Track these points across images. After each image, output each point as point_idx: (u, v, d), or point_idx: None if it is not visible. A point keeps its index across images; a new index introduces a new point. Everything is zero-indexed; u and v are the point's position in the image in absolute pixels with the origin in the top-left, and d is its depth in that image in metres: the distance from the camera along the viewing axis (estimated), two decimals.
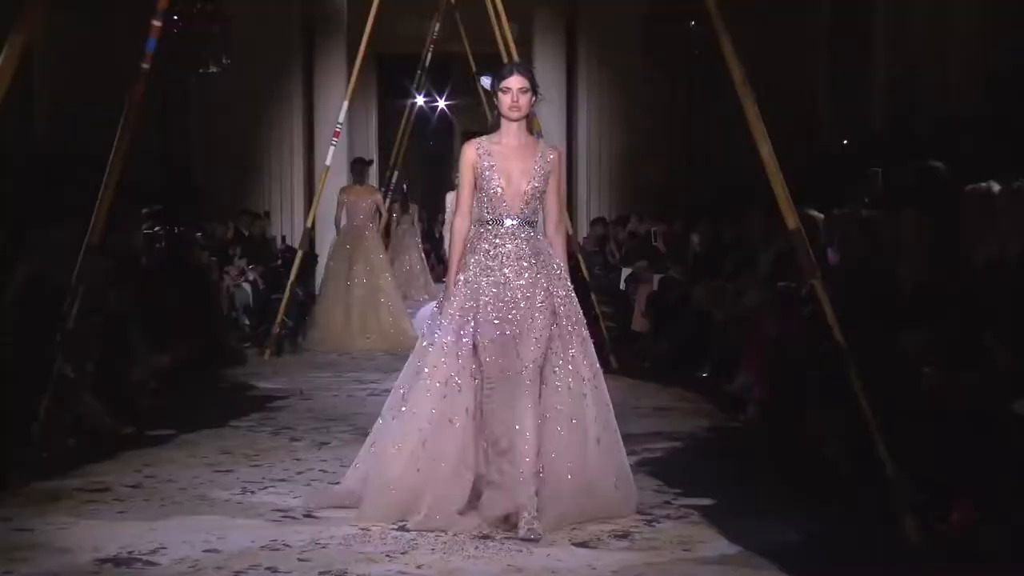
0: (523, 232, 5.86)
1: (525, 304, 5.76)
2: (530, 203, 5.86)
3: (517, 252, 5.82)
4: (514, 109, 5.82)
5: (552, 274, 5.87)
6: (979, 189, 5.74)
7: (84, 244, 7.09)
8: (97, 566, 5.09)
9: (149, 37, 7.26)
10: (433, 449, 5.67)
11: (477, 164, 5.86)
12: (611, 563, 5.12)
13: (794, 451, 6.64)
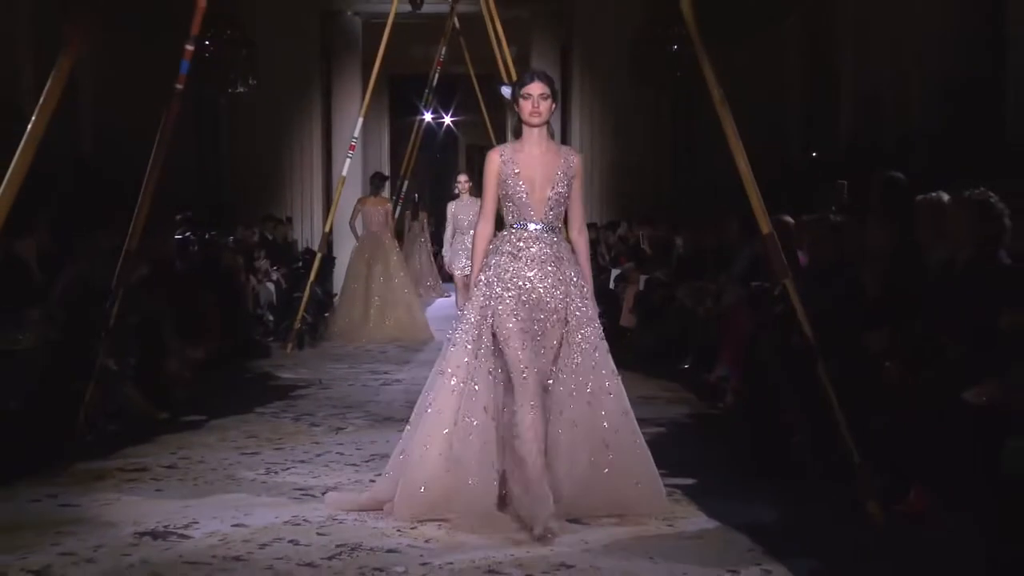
0: (547, 237, 5.53)
1: (543, 309, 5.45)
2: (553, 208, 5.54)
3: (541, 256, 5.48)
4: (535, 115, 5.52)
5: (569, 281, 5.51)
6: (931, 199, 5.73)
7: (123, 249, 7.11)
8: (136, 539, 5.10)
9: (183, 60, 7.28)
10: (459, 450, 5.32)
11: (501, 171, 5.54)
12: (602, 538, 5.11)
13: (767, 437, 6.62)
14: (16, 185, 5.10)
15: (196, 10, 7.26)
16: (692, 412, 8.36)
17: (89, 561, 4.79)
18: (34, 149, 5.20)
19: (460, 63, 17.23)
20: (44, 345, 6.65)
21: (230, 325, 10.87)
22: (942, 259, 5.58)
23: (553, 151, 5.62)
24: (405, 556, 4.82)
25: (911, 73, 11.66)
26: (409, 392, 9.51)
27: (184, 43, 7.30)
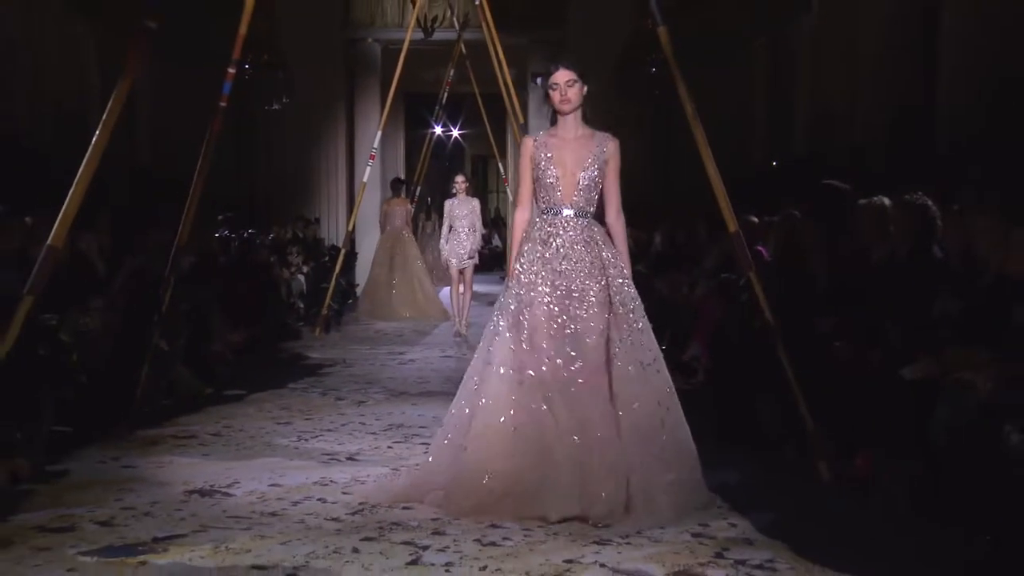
0: (579, 222, 4.96)
1: (580, 297, 4.83)
2: (585, 193, 4.97)
3: (572, 241, 4.91)
4: (565, 103, 5.03)
5: (607, 262, 4.91)
6: (873, 202, 5.74)
7: (174, 244, 7.13)
8: (186, 496, 5.15)
9: (225, 81, 7.29)
10: (522, 436, 4.71)
11: (535, 156, 5.00)
12: None
13: (733, 409, 6.65)
14: (82, 189, 5.13)
15: (237, 37, 7.28)
16: None
17: (146, 515, 4.83)
18: (98, 158, 5.23)
19: (466, 83, 17.24)
20: (106, 330, 6.67)
21: (266, 311, 10.89)
22: (883, 254, 5.60)
23: (587, 136, 5.07)
24: (419, 512, 4.84)
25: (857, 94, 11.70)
26: (422, 370, 9.58)
27: (226, 66, 7.31)
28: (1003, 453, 3.94)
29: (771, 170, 14.05)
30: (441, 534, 4.53)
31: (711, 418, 6.91)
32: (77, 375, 6.09)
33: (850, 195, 6.10)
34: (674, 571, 4.06)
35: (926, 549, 4.19)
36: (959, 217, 5.27)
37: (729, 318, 7.22)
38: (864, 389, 4.98)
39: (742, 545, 4.38)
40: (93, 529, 4.60)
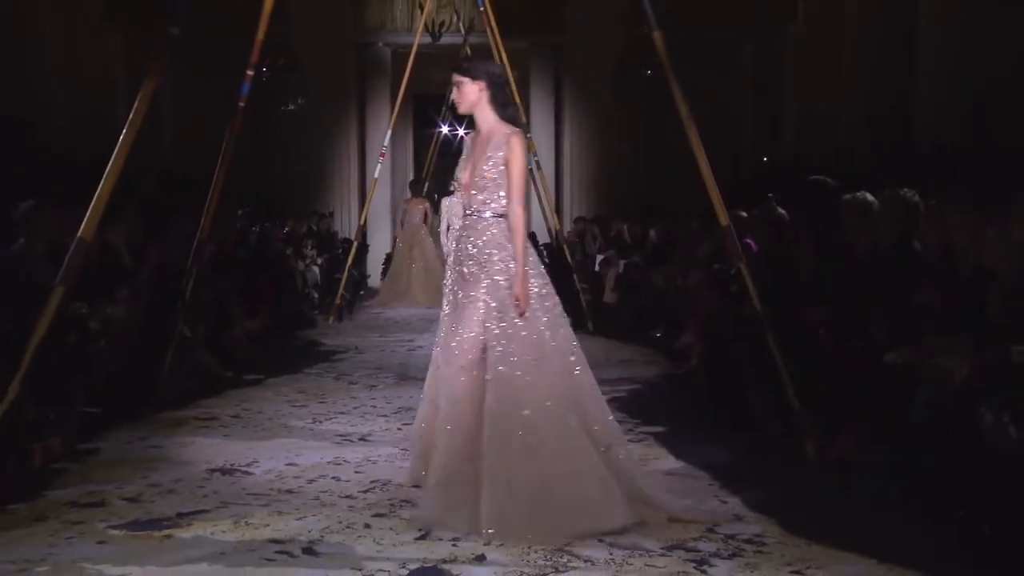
0: (475, 220, 4.60)
1: (467, 302, 4.55)
2: (481, 192, 4.56)
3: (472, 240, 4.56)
4: (459, 103, 4.62)
5: (494, 261, 4.52)
6: (857, 197, 5.73)
7: (196, 238, 7.15)
8: (208, 474, 5.18)
9: (244, 83, 7.29)
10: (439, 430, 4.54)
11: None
12: None
13: (724, 392, 6.67)
14: (110, 185, 5.14)
15: (255, 42, 7.28)
16: (662, 373, 8.39)
17: (171, 491, 4.86)
18: (125, 156, 5.23)
19: None
20: (133, 318, 6.69)
21: (282, 301, 10.91)
22: (866, 247, 5.60)
23: (492, 133, 4.59)
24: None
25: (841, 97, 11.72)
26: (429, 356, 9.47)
27: (245, 69, 7.32)
28: (978, 434, 3.95)
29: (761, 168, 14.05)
30: None
31: (704, 400, 6.96)
32: (106, 361, 6.11)
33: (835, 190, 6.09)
34: (668, 545, 4.08)
35: (905, 524, 4.21)
36: (938, 212, 5.27)
37: (720, 307, 7.23)
38: (847, 374, 4.99)
39: (732, 521, 4.40)
40: (121, 505, 4.63)
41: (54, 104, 11.14)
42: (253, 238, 12.06)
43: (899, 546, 3.96)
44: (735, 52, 15.73)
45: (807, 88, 13.03)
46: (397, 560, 3.93)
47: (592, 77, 18.52)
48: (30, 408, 5.04)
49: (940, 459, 4.20)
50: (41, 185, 7.08)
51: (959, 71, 8.78)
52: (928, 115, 9.31)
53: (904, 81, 10.05)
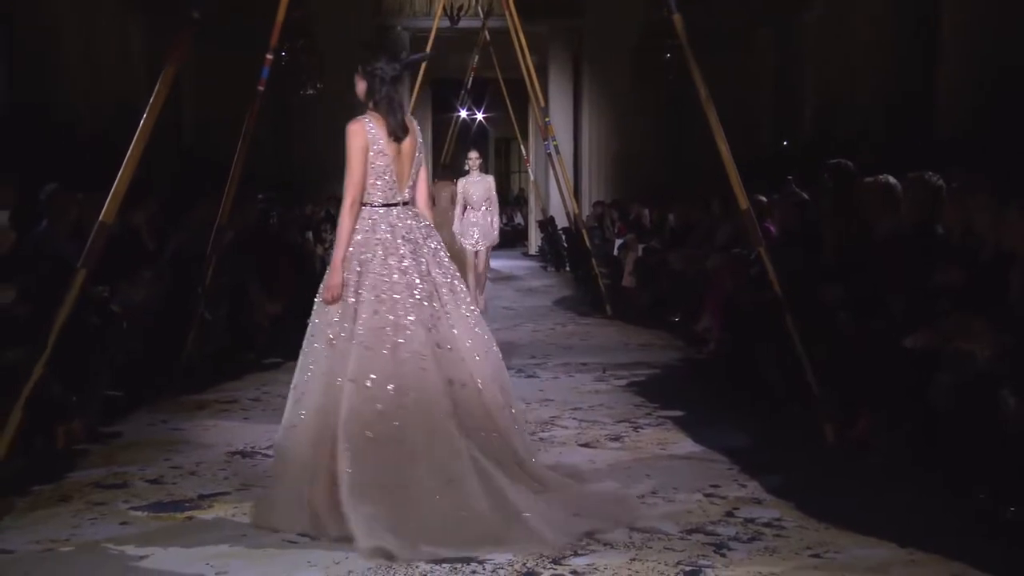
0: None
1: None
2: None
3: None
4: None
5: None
6: (879, 180, 5.70)
7: (216, 222, 7.17)
8: (229, 456, 5.21)
9: (263, 67, 7.30)
10: None
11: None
12: (607, 459, 5.16)
13: (743, 376, 6.65)
14: (131, 169, 5.16)
15: (274, 26, 7.28)
16: (681, 357, 8.37)
17: (192, 473, 4.89)
18: (145, 140, 5.25)
19: (490, 69, 17.18)
20: (154, 300, 6.72)
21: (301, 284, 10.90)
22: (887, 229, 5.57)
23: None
24: None
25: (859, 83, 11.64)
26: None
27: (264, 53, 7.32)
28: (999, 416, 3.93)
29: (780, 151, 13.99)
30: None
31: (723, 384, 6.94)
32: (127, 344, 6.14)
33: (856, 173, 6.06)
34: (687, 529, 4.08)
35: (925, 507, 4.19)
36: (960, 196, 5.23)
37: (739, 290, 7.21)
38: (867, 356, 4.96)
39: (751, 504, 4.39)
40: (144, 486, 4.66)
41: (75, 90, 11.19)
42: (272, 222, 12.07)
43: (919, 529, 3.95)
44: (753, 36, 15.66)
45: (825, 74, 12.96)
46: None
47: (611, 60, 18.47)
48: (55, 388, 5.07)
49: (961, 441, 4.18)
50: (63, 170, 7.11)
51: (980, 56, 8.72)
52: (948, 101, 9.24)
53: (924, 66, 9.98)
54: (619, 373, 7.57)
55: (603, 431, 5.74)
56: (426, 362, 4.11)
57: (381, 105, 4.39)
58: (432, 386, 4.09)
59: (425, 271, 4.30)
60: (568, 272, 16.50)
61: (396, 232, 4.31)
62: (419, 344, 4.13)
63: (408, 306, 4.20)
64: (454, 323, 4.27)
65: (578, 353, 8.65)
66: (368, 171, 4.30)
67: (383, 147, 4.32)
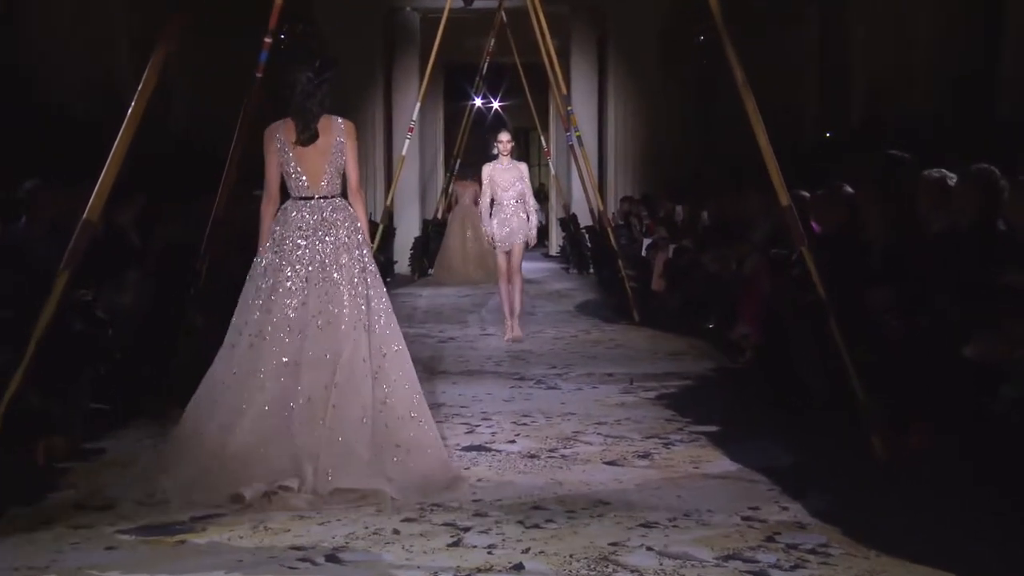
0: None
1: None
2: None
3: None
4: None
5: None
6: (935, 174, 5.67)
7: (210, 218, 7.17)
8: None
9: (262, 51, 7.31)
10: None
11: None
12: (635, 477, 5.15)
13: (784, 386, 6.62)
14: (118, 161, 5.16)
15: (273, 7, 7.29)
16: (716, 366, 8.36)
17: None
18: (133, 131, 5.25)
19: (507, 53, 17.20)
20: (141, 305, 6.72)
21: None
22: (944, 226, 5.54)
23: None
24: (459, 493, 4.87)
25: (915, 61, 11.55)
26: (461, 348, 9.61)
27: (262, 35, 7.33)
28: None
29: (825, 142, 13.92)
30: (483, 515, 4.55)
31: (761, 395, 6.91)
32: (113, 352, 6.14)
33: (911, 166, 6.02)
34: (723, 555, 4.05)
35: (984, 531, 4.14)
36: None
37: (779, 294, 7.17)
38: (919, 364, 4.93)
39: (794, 529, 4.36)
40: (130, 507, 4.65)
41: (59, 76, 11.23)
42: None
43: (979, 557, 3.90)
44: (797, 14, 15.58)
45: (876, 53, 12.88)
46: (428, 569, 3.93)
47: (638, 43, 18.44)
48: (34, 400, 5.07)
49: None
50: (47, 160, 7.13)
51: None
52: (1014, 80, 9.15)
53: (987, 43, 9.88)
54: (648, 384, 7.55)
55: (630, 448, 5.73)
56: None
57: (292, 113, 5.27)
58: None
59: (315, 264, 5.13)
60: (592, 274, 16.49)
61: (290, 225, 5.19)
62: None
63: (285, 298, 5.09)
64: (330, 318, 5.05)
65: (603, 363, 8.64)
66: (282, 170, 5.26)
67: (290, 150, 5.23)
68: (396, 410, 5.00)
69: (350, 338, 4.99)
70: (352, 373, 4.93)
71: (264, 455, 4.81)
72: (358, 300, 5.10)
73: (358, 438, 4.83)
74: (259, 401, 4.89)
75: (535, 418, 6.51)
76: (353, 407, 4.88)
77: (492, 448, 5.76)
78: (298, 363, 4.93)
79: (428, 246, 17.54)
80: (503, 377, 8.02)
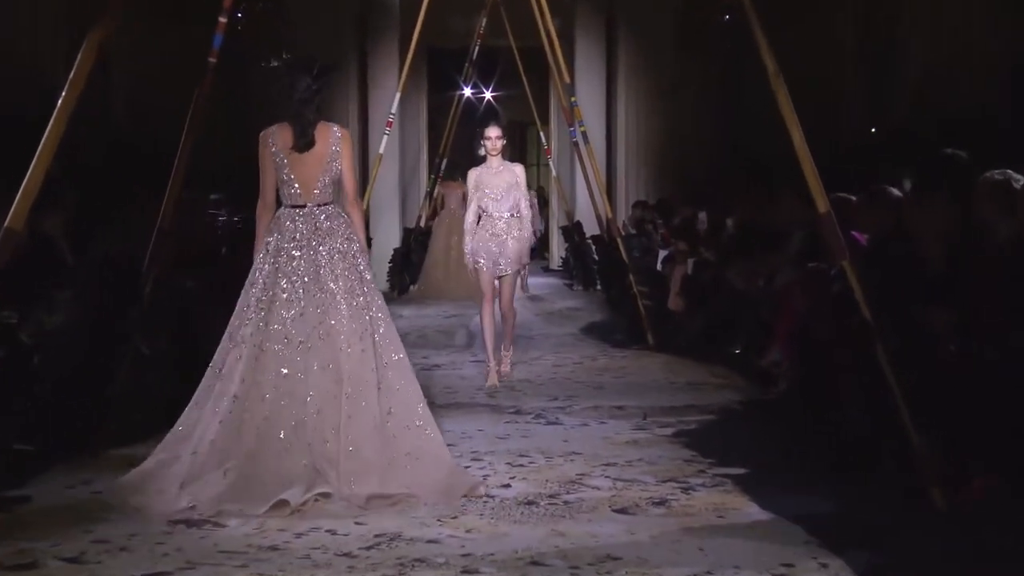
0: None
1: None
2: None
3: None
4: None
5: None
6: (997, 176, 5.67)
7: (156, 228, 7.15)
8: (170, 527, 5.15)
9: (216, 34, 7.30)
10: None
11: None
12: (649, 528, 5.12)
13: (823, 423, 6.60)
14: (46, 162, 5.14)
15: None
16: (743, 399, 8.34)
17: (123, 549, 4.84)
18: (63, 125, 5.23)
19: (502, 36, 17.21)
20: (75, 328, 6.69)
21: None
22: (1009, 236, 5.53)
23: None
24: (446, 546, 4.85)
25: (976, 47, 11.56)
26: (448, 377, 9.59)
27: (216, 16, 7.33)
28: None
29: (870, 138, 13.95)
30: (473, 572, 4.53)
31: (796, 434, 6.89)
32: (41, 383, 6.11)
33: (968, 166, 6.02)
34: None
35: None
36: None
37: (817, 314, 7.16)
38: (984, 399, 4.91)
39: None
40: (58, 567, 4.61)
41: None
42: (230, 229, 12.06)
43: None
44: None
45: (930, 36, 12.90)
46: None
47: (652, 24, 18.51)
48: None
49: None
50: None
51: None
52: None
53: None
54: (664, 420, 7.54)
55: (644, 493, 5.71)
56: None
57: (289, 119, 5.93)
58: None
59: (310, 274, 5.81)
60: (599, 291, 16.49)
61: (284, 235, 5.87)
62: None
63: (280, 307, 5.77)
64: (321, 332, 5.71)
65: (612, 394, 8.64)
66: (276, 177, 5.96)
67: (285, 156, 5.91)
68: (402, 420, 5.69)
69: (355, 349, 5.66)
70: (361, 385, 5.62)
71: (276, 468, 5.47)
72: (360, 311, 5.75)
73: (372, 447, 5.54)
74: (260, 413, 5.58)
75: (533, 458, 6.49)
76: (365, 418, 5.57)
77: (484, 493, 5.72)
78: (302, 376, 5.62)
79: (410, 258, 17.54)
80: (497, 411, 8.00)
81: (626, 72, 19.18)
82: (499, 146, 8.98)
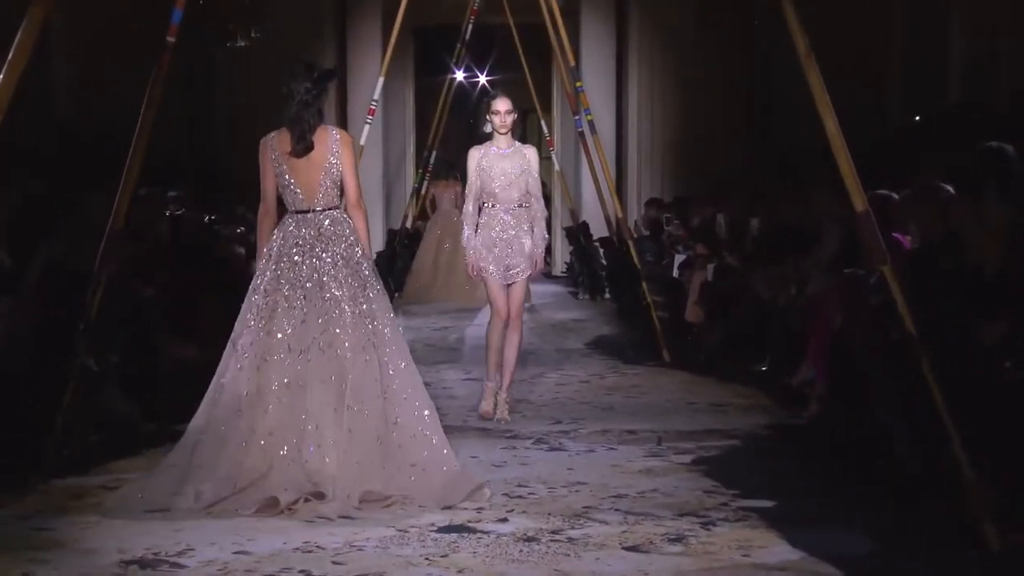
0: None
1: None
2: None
3: None
4: None
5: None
6: None
7: (107, 229, 7.14)
8: (122, 568, 5.15)
9: (174, 8, 7.29)
10: None
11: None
12: (664, 568, 5.13)
13: (860, 451, 6.61)
14: None
15: None
16: (771, 422, 8.34)
17: None
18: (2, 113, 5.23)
19: (498, 12, 17.23)
20: (14, 341, 6.69)
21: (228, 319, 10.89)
22: None
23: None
24: None
25: None
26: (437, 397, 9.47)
27: None
28: None
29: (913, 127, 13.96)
30: None
31: (831, 462, 6.89)
32: None
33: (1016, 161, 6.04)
34: None
35: None
36: None
37: (854, 327, 7.17)
38: None
39: None
40: None
41: None
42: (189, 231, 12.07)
43: None
44: None
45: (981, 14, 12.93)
46: None
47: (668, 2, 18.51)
48: None
49: None
50: None
51: None
52: None
53: None
54: (681, 445, 7.55)
55: (659, 528, 5.71)
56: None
57: (288, 123, 6.45)
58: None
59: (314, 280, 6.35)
60: (608, 300, 16.49)
61: (288, 240, 6.42)
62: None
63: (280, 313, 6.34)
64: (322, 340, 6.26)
65: (622, 416, 8.65)
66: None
67: (284, 161, 6.47)
68: (407, 429, 6.23)
69: (359, 359, 6.19)
70: (364, 396, 6.15)
71: (272, 477, 6.02)
72: (363, 319, 6.26)
73: (373, 460, 6.08)
74: (264, 424, 6.12)
75: (534, 489, 6.50)
76: (368, 429, 6.11)
77: (477, 529, 5.73)
78: (302, 386, 6.15)
79: (395, 263, 17.55)
80: (492, 435, 8.01)
81: (639, 53, 19.21)
82: (509, 122, 8.47)
